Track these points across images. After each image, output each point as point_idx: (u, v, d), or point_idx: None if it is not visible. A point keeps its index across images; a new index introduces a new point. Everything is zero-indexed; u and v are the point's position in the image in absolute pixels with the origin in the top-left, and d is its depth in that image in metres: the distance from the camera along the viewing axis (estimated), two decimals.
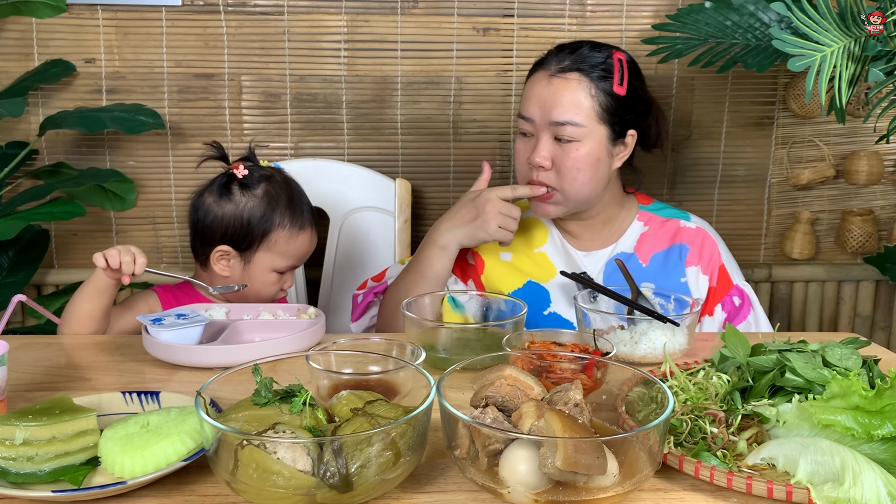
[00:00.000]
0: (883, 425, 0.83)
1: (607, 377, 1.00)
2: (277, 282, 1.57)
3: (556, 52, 1.52)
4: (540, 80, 1.49)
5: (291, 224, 1.54)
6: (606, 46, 1.52)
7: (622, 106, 1.48)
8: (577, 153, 1.45)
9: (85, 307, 1.38)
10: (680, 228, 1.61)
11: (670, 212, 1.65)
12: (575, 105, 1.44)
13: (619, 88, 1.47)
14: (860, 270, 2.26)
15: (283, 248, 1.55)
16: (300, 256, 1.59)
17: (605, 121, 1.47)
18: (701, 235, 1.60)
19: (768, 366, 0.98)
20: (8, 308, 1.09)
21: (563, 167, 1.46)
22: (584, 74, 1.46)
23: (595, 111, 1.45)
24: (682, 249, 1.59)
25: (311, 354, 0.99)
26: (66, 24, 1.99)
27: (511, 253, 1.62)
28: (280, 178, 1.58)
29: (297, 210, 1.56)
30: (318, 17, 2.03)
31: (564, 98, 1.45)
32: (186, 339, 1.23)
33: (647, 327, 1.23)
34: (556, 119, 1.44)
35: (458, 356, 1.17)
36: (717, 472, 0.82)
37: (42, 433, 0.83)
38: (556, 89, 1.46)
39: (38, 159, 2.05)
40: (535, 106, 1.48)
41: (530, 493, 0.75)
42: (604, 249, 1.60)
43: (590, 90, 1.45)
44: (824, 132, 2.18)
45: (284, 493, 0.73)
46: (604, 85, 1.46)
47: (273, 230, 1.53)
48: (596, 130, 1.46)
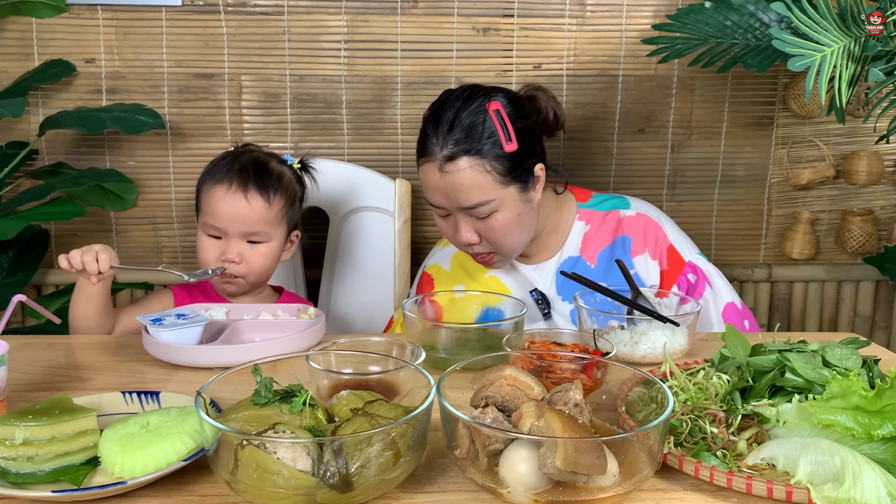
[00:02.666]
0: (883, 425, 0.83)
1: (607, 377, 1.00)
2: (212, 247, 1.50)
3: (432, 132, 1.41)
4: (431, 172, 1.42)
5: (215, 178, 1.51)
6: (480, 98, 1.42)
7: (519, 157, 1.42)
8: (498, 223, 1.43)
9: (78, 311, 1.42)
10: (620, 219, 1.57)
11: (609, 203, 1.60)
12: (477, 188, 1.40)
13: (509, 145, 1.40)
14: (860, 270, 2.26)
15: (206, 204, 1.51)
16: (214, 212, 1.49)
17: (510, 181, 1.42)
18: (642, 221, 1.57)
19: (768, 366, 0.99)
20: (8, 308, 1.09)
21: (490, 237, 1.46)
22: (471, 155, 1.38)
23: (497, 181, 1.40)
24: (625, 241, 1.56)
25: (311, 354, 0.99)
26: (66, 24, 1.99)
27: (462, 284, 1.62)
28: (247, 152, 1.57)
29: (230, 169, 1.51)
30: (318, 17, 2.03)
31: (464, 185, 1.39)
32: (186, 339, 1.23)
33: (647, 327, 1.23)
34: (465, 205, 1.42)
35: (458, 356, 1.17)
36: (717, 472, 0.82)
37: (42, 433, 0.83)
38: (453, 180, 1.39)
39: (38, 159, 2.05)
40: (439, 196, 1.44)
41: (530, 493, 0.75)
42: (551, 260, 1.58)
43: (483, 167, 1.39)
44: (824, 132, 2.18)
45: (284, 493, 0.73)
46: (494, 151, 1.39)
47: (204, 183, 1.53)
48: (506, 194, 1.42)
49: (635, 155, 2.17)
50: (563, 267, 1.56)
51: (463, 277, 1.63)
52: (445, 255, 1.69)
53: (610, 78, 2.11)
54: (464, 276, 1.63)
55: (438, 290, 1.62)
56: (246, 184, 1.49)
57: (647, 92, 2.12)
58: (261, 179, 1.51)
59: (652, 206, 1.63)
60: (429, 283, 1.68)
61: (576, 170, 2.10)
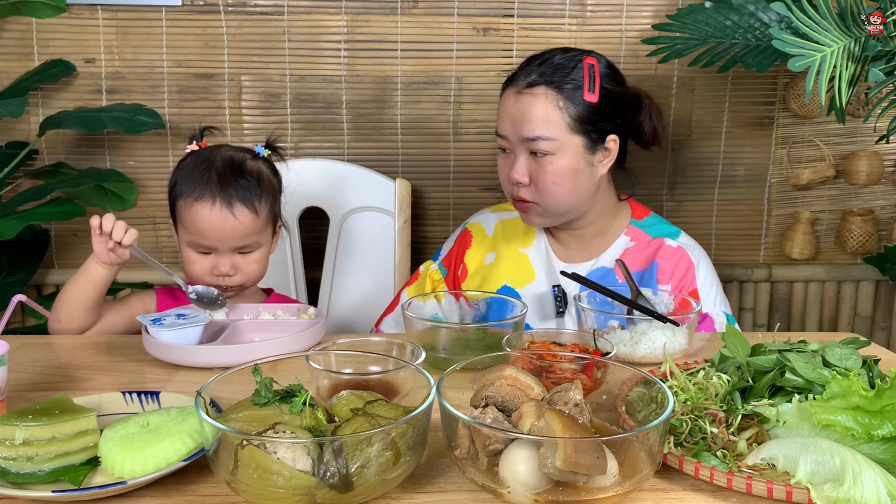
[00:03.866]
0: (883, 425, 0.83)
1: (607, 377, 1.00)
2: (201, 261, 1.43)
3: (525, 65, 1.49)
4: (509, 97, 1.48)
5: (189, 192, 1.41)
6: (578, 52, 1.48)
7: (596, 113, 1.45)
8: (552, 167, 1.44)
9: (74, 296, 1.37)
10: (662, 246, 1.55)
11: (661, 229, 1.59)
12: (544, 119, 1.43)
13: (591, 96, 1.44)
14: (860, 270, 2.26)
15: (189, 221, 1.42)
16: (201, 232, 1.40)
17: (579, 130, 1.44)
18: (678, 255, 1.54)
19: (768, 366, 0.99)
20: (8, 308, 1.09)
21: (540, 182, 1.45)
22: (550, 87, 1.43)
23: (566, 122, 1.43)
24: (653, 267, 1.53)
25: (311, 354, 0.99)
26: (66, 24, 1.99)
27: (494, 253, 1.62)
28: (218, 153, 1.46)
29: (208, 181, 1.41)
30: (318, 17, 2.03)
31: (533, 114, 1.43)
32: (186, 339, 1.23)
33: (647, 327, 1.23)
34: (526, 135, 1.43)
35: (458, 356, 1.17)
36: (717, 472, 0.82)
37: (42, 433, 0.83)
38: (524, 106, 1.44)
39: (38, 159, 2.05)
40: (507, 124, 1.47)
41: (530, 493, 0.75)
42: (586, 263, 1.57)
43: (557, 102, 1.43)
44: (824, 132, 2.18)
45: (284, 493, 0.73)
46: (573, 94, 1.43)
47: (179, 198, 1.43)
48: (570, 142, 1.44)
49: (635, 155, 2.16)
50: (593, 275, 1.54)
51: (500, 244, 1.62)
52: (492, 219, 1.68)
53: None
54: (501, 243, 1.62)
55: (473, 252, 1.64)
56: (230, 199, 1.40)
57: (647, 92, 2.12)
58: (243, 189, 1.42)
59: (698, 246, 1.59)
60: (467, 239, 1.67)
61: None
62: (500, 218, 1.67)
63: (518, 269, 1.58)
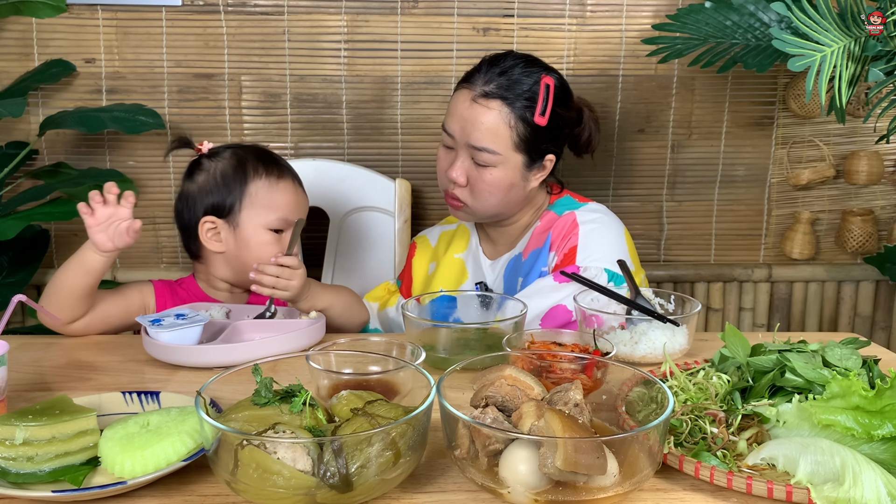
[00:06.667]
0: (883, 425, 0.83)
1: (607, 377, 1.00)
2: (275, 241, 1.46)
3: (485, 68, 1.47)
4: (463, 99, 1.46)
5: (267, 173, 1.47)
6: (538, 68, 1.47)
7: (541, 136, 1.46)
8: (490, 177, 1.46)
9: (67, 284, 1.32)
10: (556, 218, 1.54)
11: (566, 205, 1.56)
12: (493, 133, 1.43)
13: (541, 119, 1.44)
14: (860, 270, 2.26)
15: (267, 200, 1.45)
16: (287, 207, 1.47)
17: (522, 150, 1.45)
18: (566, 220, 1.52)
19: (768, 366, 0.99)
20: (8, 308, 1.09)
21: (476, 187, 1.47)
22: (505, 103, 1.43)
23: (513, 141, 1.44)
24: (547, 239, 1.53)
25: (311, 354, 0.99)
26: (66, 24, 1.99)
27: (435, 262, 1.68)
28: (246, 146, 1.53)
29: (271, 160, 1.49)
30: (318, 17, 2.03)
31: (483, 125, 1.43)
32: (186, 340, 1.23)
33: (647, 327, 1.23)
34: (473, 143, 1.44)
35: (458, 356, 1.17)
36: (717, 472, 0.82)
37: (42, 433, 0.83)
38: (477, 115, 1.43)
39: (38, 159, 2.05)
40: (456, 124, 1.47)
41: (530, 493, 0.75)
42: (505, 255, 1.60)
43: (509, 120, 1.43)
44: (824, 132, 2.18)
45: (284, 493, 0.73)
46: (525, 114, 1.44)
47: (249, 181, 1.45)
48: (512, 158, 1.45)
49: (635, 155, 2.17)
50: (507, 265, 1.57)
51: (440, 254, 1.69)
52: (437, 231, 1.75)
53: (610, 78, 2.11)
54: (441, 252, 1.69)
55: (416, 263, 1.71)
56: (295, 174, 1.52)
57: (647, 92, 2.12)
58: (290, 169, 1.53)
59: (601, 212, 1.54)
60: (413, 251, 1.75)
61: (576, 170, 2.10)
62: (443, 230, 1.74)
63: (453, 275, 1.63)
